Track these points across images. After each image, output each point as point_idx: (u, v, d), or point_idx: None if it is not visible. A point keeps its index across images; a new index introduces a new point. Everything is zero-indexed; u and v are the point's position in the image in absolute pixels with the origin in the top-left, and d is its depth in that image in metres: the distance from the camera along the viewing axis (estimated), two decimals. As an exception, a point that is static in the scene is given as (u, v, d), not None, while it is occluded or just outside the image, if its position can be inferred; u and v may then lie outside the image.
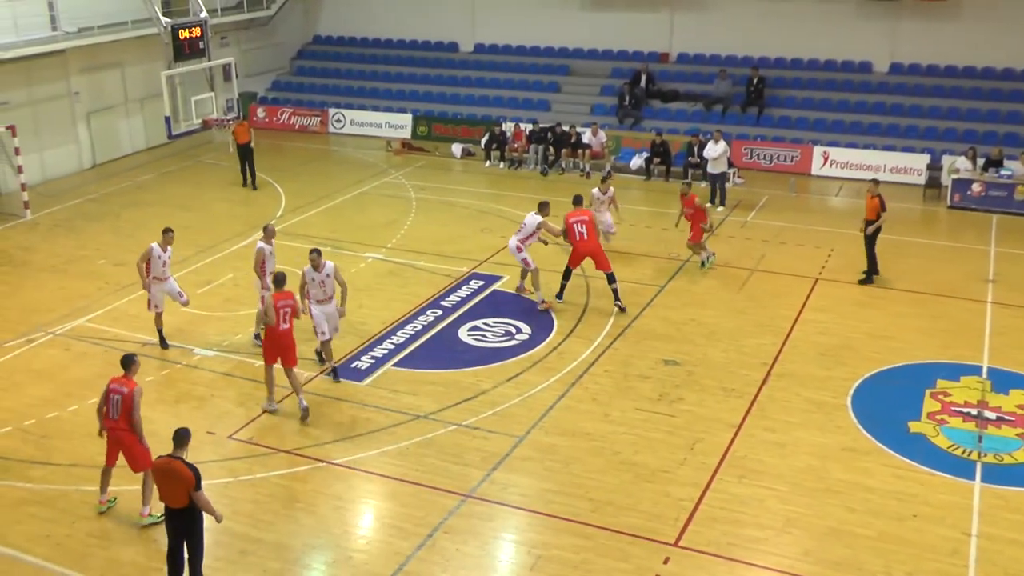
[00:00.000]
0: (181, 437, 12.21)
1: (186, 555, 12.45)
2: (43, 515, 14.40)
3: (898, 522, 13.85)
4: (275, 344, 16.80)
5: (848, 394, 17.34)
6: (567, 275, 21.35)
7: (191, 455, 12.33)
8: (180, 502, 12.09)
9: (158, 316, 19.47)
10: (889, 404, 17.05)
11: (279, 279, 17.08)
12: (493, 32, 40.28)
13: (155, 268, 18.99)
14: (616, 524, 13.80)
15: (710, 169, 28.43)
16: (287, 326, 16.70)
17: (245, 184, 31.19)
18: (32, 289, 23.17)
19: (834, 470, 15.06)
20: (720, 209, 27.87)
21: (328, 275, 17.74)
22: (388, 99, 39.38)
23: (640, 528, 13.70)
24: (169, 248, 19.18)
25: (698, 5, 36.05)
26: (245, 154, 30.97)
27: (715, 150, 28.04)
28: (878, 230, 22.38)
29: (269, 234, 19.36)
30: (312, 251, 17.90)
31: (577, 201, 21.80)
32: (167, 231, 19.31)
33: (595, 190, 24.19)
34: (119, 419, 13.64)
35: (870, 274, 22.57)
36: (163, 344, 19.63)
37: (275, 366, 17.01)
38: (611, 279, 21.02)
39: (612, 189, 24.24)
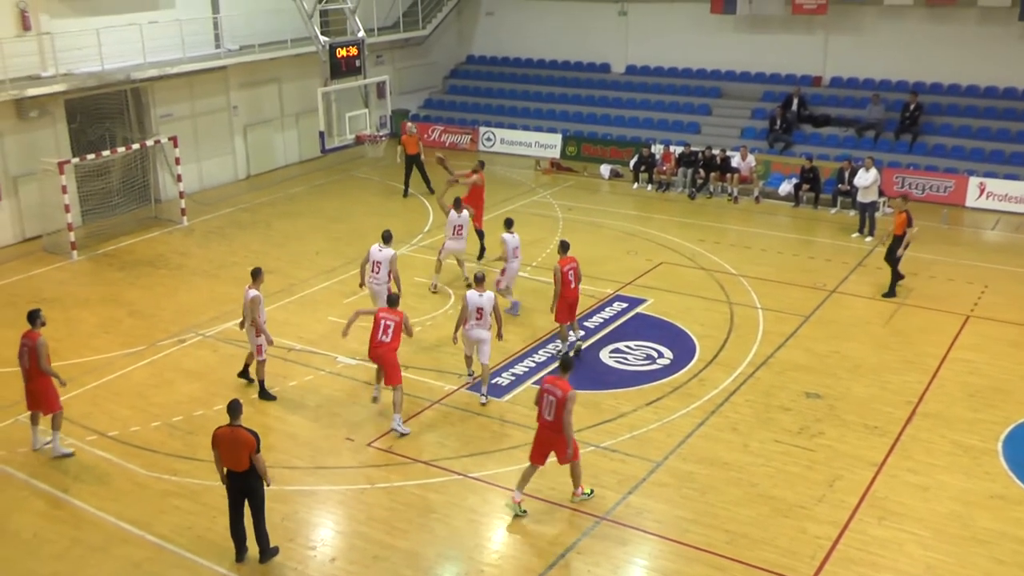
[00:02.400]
0: (235, 408, 13.38)
1: (248, 516, 13.59)
2: (186, 508, 15.05)
3: (1051, 578, 13.31)
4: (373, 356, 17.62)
5: (999, 439, 16.73)
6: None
7: (332, 458, 12.64)
8: (242, 465, 13.23)
9: (262, 364, 18.59)
10: (1045, 452, 16.41)
11: (392, 299, 17.57)
12: (646, 53, 40.27)
13: (262, 313, 18.15)
14: (751, 558, 13.64)
15: (860, 198, 27.81)
16: (387, 339, 17.12)
17: (406, 195, 32.19)
18: (186, 292, 24.12)
19: (981, 518, 14.56)
20: (869, 239, 27.26)
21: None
22: (538, 118, 39.71)
23: (775, 564, 13.51)
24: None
25: (854, 28, 35.43)
26: (412, 164, 31.99)
27: (866, 178, 27.43)
28: (906, 245, 22.99)
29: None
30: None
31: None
32: (256, 274, 18.28)
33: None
34: (553, 420, 14.27)
35: (893, 287, 23.25)
36: (269, 396, 18.66)
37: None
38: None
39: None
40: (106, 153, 28.07)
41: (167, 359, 20.35)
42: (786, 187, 31.58)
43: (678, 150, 33.58)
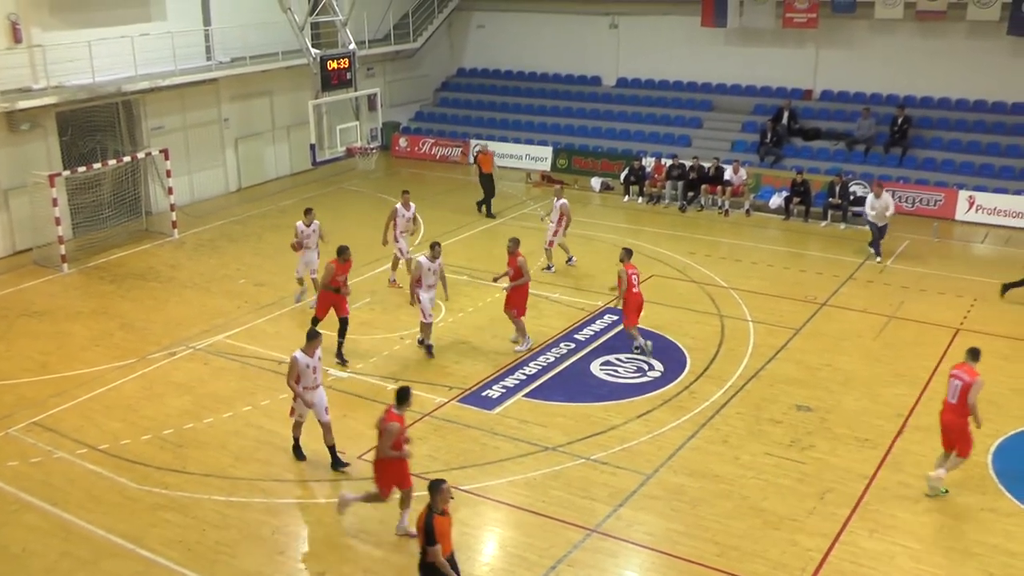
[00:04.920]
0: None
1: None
2: (177, 521, 14.99)
3: (1041, 590, 13.31)
4: (526, 295, 20.70)
5: (989, 452, 16.74)
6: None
7: (323, 471, 12.59)
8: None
9: (297, 425, 16.68)
10: (1034, 465, 16.39)
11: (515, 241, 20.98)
12: (637, 66, 40.36)
13: (306, 378, 15.98)
14: (741, 570, 13.63)
15: (875, 221, 26.82)
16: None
17: (486, 213, 31.61)
18: (176, 305, 24.08)
19: (971, 531, 14.59)
20: (878, 260, 26.77)
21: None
22: (529, 131, 39.79)
23: (766, 576, 13.54)
24: (317, 352, 16.07)
25: (844, 42, 35.58)
26: (486, 183, 31.59)
27: (878, 204, 26.68)
28: None
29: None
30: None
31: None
32: (313, 336, 16.20)
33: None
34: (956, 403, 15.16)
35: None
36: (299, 455, 16.82)
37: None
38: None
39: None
40: (97, 166, 28.07)
41: (157, 372, 20.30)
42: (777, 200, 31.65)
43: (668, 163, 33.62)
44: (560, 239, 26.10)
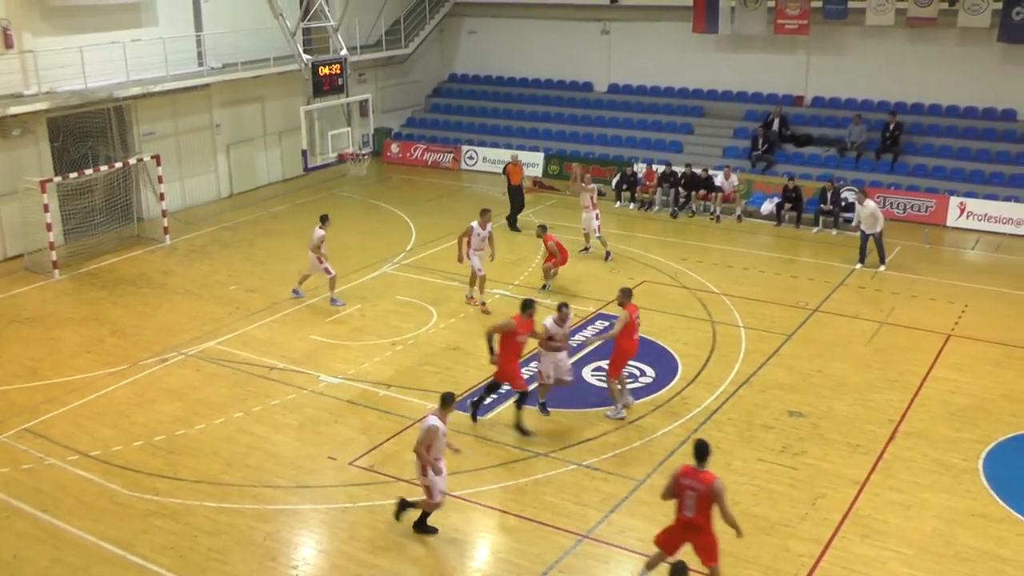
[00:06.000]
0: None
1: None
2: (168, 527, 14.95)
3: (1031, 596, 13.33)
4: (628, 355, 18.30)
5: (980, 457, 16.76)
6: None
7: (315, 477, 12.52)
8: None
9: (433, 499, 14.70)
10: (1025, 471, 16.43)
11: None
12: (628, 72, 40.38)
13: (439, 446, 14.43)
14: (734, 576, 13.65)
15: (865, 228, 26.64)
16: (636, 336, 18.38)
17: (511, 226, 30.94)
18: (168, 311, 24.03)
19: (963, 536, 14.59)
20: (882, 269, 26.64)
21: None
22: (521, 137, 39.72)
23: (758, 582, 13.52)
24: (449, 419, 14.63)
25: (835, 48, 35.65)
26: (515, 195, 31.09)
27: (863, 211, 26.65)
28: None
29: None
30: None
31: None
32: (450, 400, 14.58)
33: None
34: None
35: None
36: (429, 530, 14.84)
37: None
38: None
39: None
40: (89, 172, 27.97)
41: (149, 378, 20.26)
42: (768, 206, 31.68)
43: (660, 168, 33.65)
44: (590, 226, 27.58)
